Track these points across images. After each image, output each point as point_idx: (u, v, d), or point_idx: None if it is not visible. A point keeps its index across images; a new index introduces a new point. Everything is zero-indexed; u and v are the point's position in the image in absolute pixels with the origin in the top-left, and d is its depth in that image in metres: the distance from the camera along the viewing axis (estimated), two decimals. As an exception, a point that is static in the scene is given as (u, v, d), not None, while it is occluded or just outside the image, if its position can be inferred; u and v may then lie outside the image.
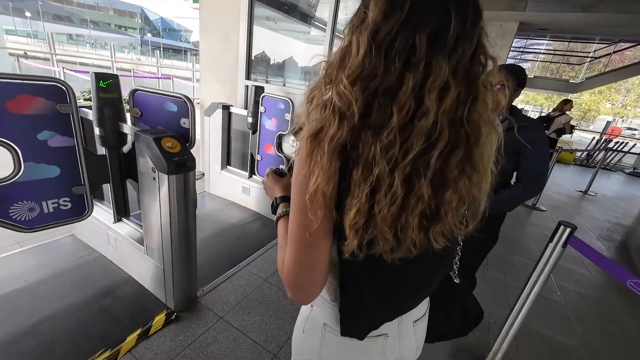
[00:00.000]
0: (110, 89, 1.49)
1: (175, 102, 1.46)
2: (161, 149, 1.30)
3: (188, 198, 1.43)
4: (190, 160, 1.39)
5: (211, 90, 3.18)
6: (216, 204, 2.91)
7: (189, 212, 1.47)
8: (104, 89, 1.47)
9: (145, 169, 1.40)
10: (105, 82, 1.46)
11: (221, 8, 2.86)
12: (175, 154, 1.33)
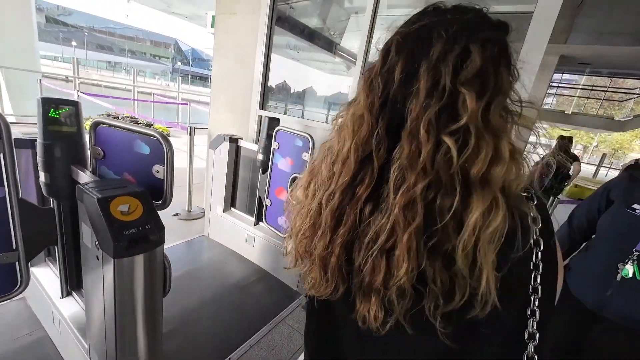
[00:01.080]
0: (66, 120, 1.08)
1: (147, 141, 1.03)
2: (108, 217, 0.83)
3: (149, 288, 0.94)
4: (155, 230, 0.92)
5: (220, 119, 2.82)
6: (214, 253, 2.42)
7: (150, 307, 0.97)
8: (54, 120, 1.06)
9: (88, 241, 0.93)
10: (57, 110, 1.06)
11: (238, 31, 2.56)
12: (130, 224, 0.86)
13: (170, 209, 3.14)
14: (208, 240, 2.59)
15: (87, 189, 0.89)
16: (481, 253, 0.32)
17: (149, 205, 0.93)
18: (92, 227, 0.87)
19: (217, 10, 2.63)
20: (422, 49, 0.35)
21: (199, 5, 5.28)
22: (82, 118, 1.13)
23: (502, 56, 0.35)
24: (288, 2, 2.88)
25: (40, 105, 1.02)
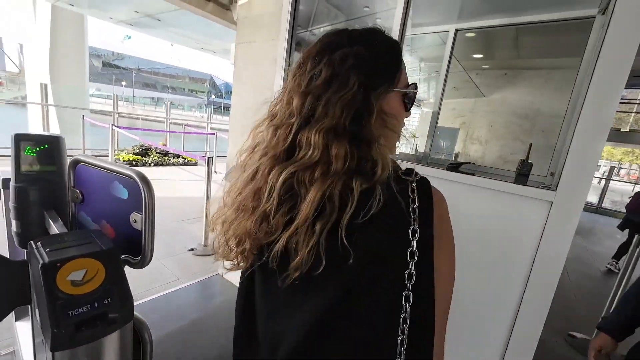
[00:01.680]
0: (43, 159, 0.93)
1: (126, 183, 0.83)
2: (51, 292, 0.62)
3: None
4: (118, 304, 0.69)
5: (238, 148, 2.69)
6: (227, 297, 2.17)
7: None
8: (31, 159, 0.91)
9: (36, 319, 0.73)
10: (34, 148, 0.91)
11: (256, 59, 2.48)
12: (81, 300, 0.64)
13: (187, 242, 3.01)
14: (222, 280, 2.36)
15: (36, 247, 0.69)
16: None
17: (115, 269, 0.71)
18: (37, 303, 0.66)
19: (237, 40, 2.60)
20: (299, 67, 0.51)
21: (226, 39, 5.55)
22: (64, 155, 0.98)
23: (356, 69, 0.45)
24: (308, 29, 2.81)
25: (13, 142, 0.88)
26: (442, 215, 0.45)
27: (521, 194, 1.29)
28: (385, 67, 0.49)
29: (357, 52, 0.46)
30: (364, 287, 0.43)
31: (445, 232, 0.46)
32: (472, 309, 1.45)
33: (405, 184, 0.44)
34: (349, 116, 0.44)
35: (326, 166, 0.43)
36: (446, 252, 0.46)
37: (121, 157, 5.98)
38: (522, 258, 1.30)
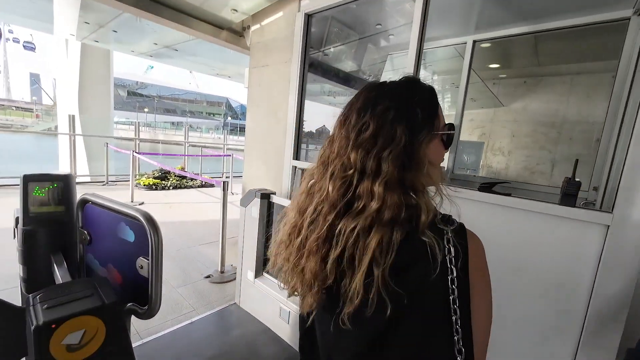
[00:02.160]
0: (51, 199, 0.89)
1: (132, 225, 0.77)
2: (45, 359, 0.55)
3: None
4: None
5: (253, 172, 2.65)
6: (245, 329, 2.06)
7: None
8: (40, 199, 0.88)
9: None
10: (43, 189, 0.88)
11: (270, 82, 2.48)
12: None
13: (203, 269, 2.95)
14: (239, 311, 2.26)
15: (33, 304, 0.62)
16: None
17: (118, 327, 0.64)
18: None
19: (251, 65, 2.62)
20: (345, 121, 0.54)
21: (240, 64, 5.72)
22: (73, 193, 0.94)
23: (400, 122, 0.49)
24: (321, 50, 2.81)
25: (22, 183, 0.85)
26: (477, 263, 0.48)
27: (569, 216, 1.13)
28: (425, 115, 0.52)
29: (398, 105, 0.50)
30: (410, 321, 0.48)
31: (481, 279, 0.48)
32: (526, 345, 1.26)
33: (441, 233, 0.47)
34: (399, 168, 0.48)
35: (382, 216, 0.46)
36: (482, 298, 0.48)
37: (142, 182, 6.14)
38: (577, 294, 1.13)
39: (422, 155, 0.50)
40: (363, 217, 0.47)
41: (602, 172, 1.94)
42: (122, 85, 46.94)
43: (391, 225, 0.46)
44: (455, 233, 0.48)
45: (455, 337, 0.46)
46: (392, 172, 0.47)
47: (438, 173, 0.55)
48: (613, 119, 1.96)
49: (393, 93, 0.52)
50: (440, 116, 0.55)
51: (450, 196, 0.55)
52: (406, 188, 0.48)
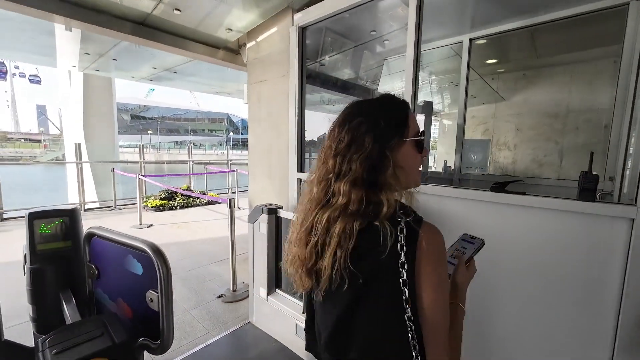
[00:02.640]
0: (58, 235, 0.88)
1: (139, 258, 0.75)
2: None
3: None
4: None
5: (259, 188, 2.64)
6: (261, 349, 2.01)
7: None
8: (46, 237, 0.87)
9: None
10: (48, 225, 0.87)
11: (269, 96, 2.49)
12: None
13: (216, 288, 2.92)
14: (253, 330, 2.21)
15: (42, 348, 0.60)
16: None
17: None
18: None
19: (249, 81, 2.64)
20: (330, 135, 0.66)
21: (238, 81, 5.80)
22: (79, 227, 0.93)
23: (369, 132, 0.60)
24: (317, 60, 2.82)
25: (27, 221, 0.84)
26: (426, 251, 0.53)
27: (590, 212, 1.08)
28: (393, 125, 0.61)
29: (368, 119, 0.61)
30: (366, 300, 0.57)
31: (426, 267, 0.53)
32: (554, 355, 1.20)
33: (397, 223, 0.54)
34: (365, 169, 0.58)
35: (347, 208, 0.57)
36: (427, 284, 0.53)
37: (149, 204, 6.18)
38: (606, 294, 1.07)
39: (388, 159, 0.59)
40: (332, 209, 0.58)
41: (617, 161, 1.88)
42: (125, 110, 47.98)
43: (354, 216, 0.56)
44: (409, 223, 0.54)
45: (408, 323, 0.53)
46: (359, 173, 0.57)
47: (409, 175, 0.63)
48: (622, 105, 1.91)
49: (365, 109, 0.63)
50: (411, 125, 0.63)
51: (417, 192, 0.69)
52: (372, 186, 0.58)
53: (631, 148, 1.67)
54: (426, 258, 0.53)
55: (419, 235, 0.53)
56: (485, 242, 0.74)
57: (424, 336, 0.54)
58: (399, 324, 0.54)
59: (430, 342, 0.54)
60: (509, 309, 1.30)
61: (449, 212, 1.44)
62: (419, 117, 1.98)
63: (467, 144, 3.68)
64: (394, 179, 0.59)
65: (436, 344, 0.54)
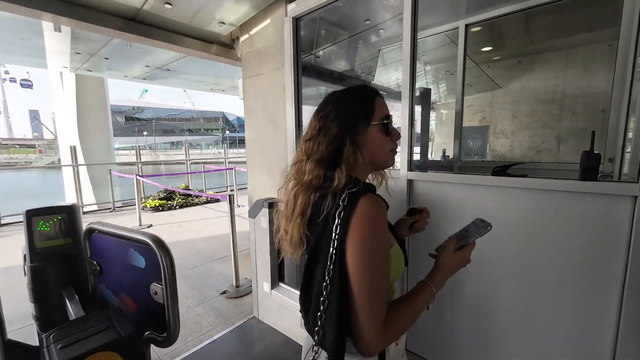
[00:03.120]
0: (58, 232, 0.87)
1: (142, 251, 0.74)
2: (63, 403, 0.51)
3: None
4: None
5: (258, 183, 2.63)
6: (267, 342, 2.01)
7: None
8: (45, 234, 0.85)
9: None
10: (47, 222, 0.85)
11: (265, 90, 2.46)
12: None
13: (219, 285, 2.92)
14: (258, 324, 2.21)
15: (47, 343, 0.59)
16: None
17: (137, 358, 0.60)
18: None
19: (244, 75, 2.61)
20: (309, 125, 0.74)
21: (233, 77, 5.74)
22: (79, 224, 0.91)
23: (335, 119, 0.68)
24: (312, 52, 2.79)
25: (25, 219, 0.83)
26: (359, 218, 0.59)
27: (592, 191, 1.08)
28: (358, 112, 0.68)
29: (335, 107, 0.69)
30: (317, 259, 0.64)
31: (354, 232, 0.58)
32: (558, 335, 1.21)
33: (341, 194, 0.62)
34: (330, 150, 0.65)
35: (310, 184, 0.66)
36: (353, 249, 0.58)
37: (148, 204, 6.15)
38: (611, 271, 1.07)
39: (350, 142, 0.65)
40: (299, 185, 0.67)
41: (616, 142, 1.88)
42: (119, 112, 47.53)
43: (314, 190, 0.65)
44: (350, 193, 0.61)
45: (326, 276, 0.60)
46: (324, 153, 0.65)
47: (378, 156, 0.70)
48: (620, 88, 1.91)
49: (336, 98, 0.71)
50: (377, 110, 0.69)
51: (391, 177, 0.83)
52: (334, 165, 0.65)
53: (630, 130, 1.67)
54: (357, 224, 0.58)
55: (356, 203, 0.59)
56: (491, 227, 0.69)
57: (351, 296, 0.58)
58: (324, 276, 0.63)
59: (353, 302, 0.58)
60: (511, 293, 1.30)
61: (451, 198, 1.43)
62: (416, 107, 1.95)
63: (466, 131, 3.68)
64: (353, 157, 0.66)
65: (358, 305, 0.58)
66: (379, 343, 0.58)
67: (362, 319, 0.57)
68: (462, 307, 1.45)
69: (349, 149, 0.65)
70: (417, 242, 1.54)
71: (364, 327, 0.57)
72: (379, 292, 0.59)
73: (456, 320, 1.48)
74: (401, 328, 0.62)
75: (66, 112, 9.12)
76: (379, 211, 0.60)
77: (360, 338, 0.58)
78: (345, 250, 0.58)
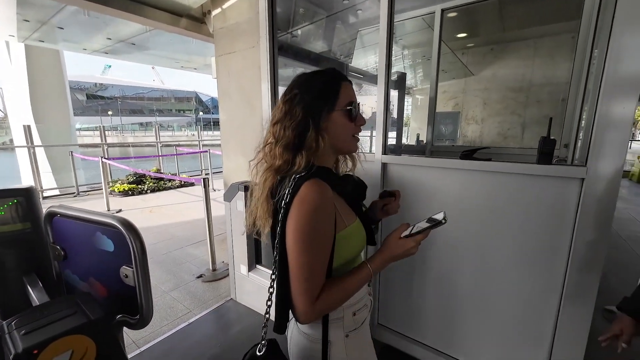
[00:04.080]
0: (14, 216, 0.81)
1: (109, 234, 0.72)
2: (29, 387, 0.50)
3: None
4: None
5: (233, 166, 2.58)
6: (245, 323, 2.05)
7: None
8: (1, 218, 0.80)
9: None
10: (1, 206, 0.80)
11: (239, 69, 2.37)
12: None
13: (194, 269, 2.89)
14: (236, 306, 2.24)
15: (9, 331, 0.57)
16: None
17: (109, 342, 0.60)
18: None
19: (217, 53, 2.48)
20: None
21: (205, 54, 5.43)
22: (38, 208, 0.86)
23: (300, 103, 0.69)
24: (289, 31, 2.70)
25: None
26: (295, 205, 0.63)
27: (546, 174, 1.17)
28: (323, 97, 0.69)
29: (301, 90, 0.69)
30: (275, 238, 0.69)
31: (291, 217, 0.62)
32: (513, 304, 1.34)
33: (293, 178, 0.66)
34: (295, 135, 0.67)
35: (279, 168, 0.69)
36: (290, 231, 0.63)
37: (116, 189, 5.84)
38: (558, 248, 1.19)
39: (310, 126, 0.66)
40: (269, 169, 0.70)
41: (571, 129, 2.03)
42: (79, 89, 43.68)
43: (278, 173, 0.69)
44: (297, 178, 0.65)
45: (274, 254, 0.67)
46: (290, 138, 0.67)
47: (341, 142, 0.72)
48: (578, 78, 2.04)
49: (302, 82, 0.70)
50: (342, 96, 0.70)
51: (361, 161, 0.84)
52: (298, 149, 0.67)
53: (584, 117, 1.80)
54: (295, 207, 0.62)
55: (299, 188, 0.63)
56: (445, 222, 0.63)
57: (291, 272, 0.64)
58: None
59: (290, 276, 0.64)
60: (471, 268, 1.41)
61: (423, 181, 1.49)
62: (392, 92, 1.97)
63: (439, 116, 3.79)
64: (315, 143, 0.67)
65: (293, 281, 0.64)
66: (309, 315, 0.64)
67: (294, 294, 0.64)
68: (429, 282, 1.55)
69: (311, 135, 0.66)
70: (390, 224, 1.61)
71: (297, 300, 0.64)
72: (312, 270, 0.63)
73: (423, 294, 1.59)
74: (331, 304, 0.67)
75: (16, 88, 8.24)
76: (317, 196, 0.62)
77: (293, 309, 0.66)
78: (285, 232, 0.63)
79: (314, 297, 0.63)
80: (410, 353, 1.66)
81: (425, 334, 1.62)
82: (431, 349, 1.60)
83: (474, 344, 1.47)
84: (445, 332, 1.55)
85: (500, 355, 1.41)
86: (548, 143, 1.13)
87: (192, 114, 52.13)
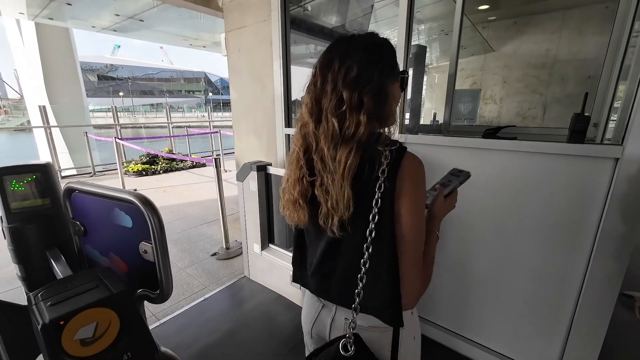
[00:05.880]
0: (34, 192, 0.82)
1: (128, 210, 0.71)
2: (59, 357, 0.51)
3: None
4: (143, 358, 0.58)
5: (245, 146, 2.56)
6: (258, 300, 2.10)
7: None
8: (20, 194, 0.80)
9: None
10: (20, 182, 0.80)
11: (250, 45, 2.29)
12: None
13: (209, 247, 2.97)
14: (249, 283, 2.29)
15: (35, 302, 0.58)
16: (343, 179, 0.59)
17: (131, 315, 0.60)
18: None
19: (227, 28, 2.40)
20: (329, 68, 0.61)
21: (214, 31, 5.29)
22: (56, 183, 0.86)
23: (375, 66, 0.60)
24: (300, 4, 2.57)
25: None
26: (406, 175, 0.58)
27: (578, 153, 1.10)
28: (390, 62, 0.64)
29: (372, 55, 0.61)
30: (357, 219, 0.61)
31: (407, 190, 0.58)
32: (532, 289, 1.31)
33: (384, 151, 0.59)
34: (375, 102, 0.60)
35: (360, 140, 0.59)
36: (406, 206, 0.58)
37: (130, 169, 5.96)
38: (585, 230, 1.14)
39: (389, 94, 0.62)
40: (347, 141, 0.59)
41: (602, 107, 1.90)
42: (90, 70, 43.90)
43: (363, 145, 0.59)
44: (393, 151, 0.59)
45: (368, 238, 0.59)
46: (371, 105, 0.59)
47: (396, 109, 0.67)
48: (614, 52, 1.88)
49: (367, 45, 0.62)
50: (397, 65, 0.66)
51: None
52: (378, 118, 0.61)
53: (619, 96, 1.68)
54: (406, 182, 0.58)
55: (401, 162, 0.58)
56: (470, 175, 0.74)
57: (400, 251, 0.60)
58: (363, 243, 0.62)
59: (404, 255, 0.60)
60: (491, 250, 1.38)
61: (441, 160, 1.44)
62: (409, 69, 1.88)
63: (458, 94, 3.62)
64: (392, 113, 0.64)
65: (409, 258, 0.60)
66: (422, 292, 0.63)
67: (410, 272, 0.60)
68: (446, 264, 1.53)
69: (390, 103, 0.63)
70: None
71: (412, 279, 0.61)
72: (422, 246, 0.62)
73: (439, 277, 1.57)
74: (431, 273, 0.66)
75: (30, 69, 8.32)
76: (423, 170, 0.61)
77: (409, 290, 0.61)
78: (396, 208, 0.58)
79: (422, 272, 0.62)
80: (424, 333, 1.67)
81: (440, 315, 1.62)
82: (446, 329, 1.61)
83: (489, 327, 1.46)
84: (461, 314, 1.54)
85: (514, 341, 1.41)
86: (582, 120, 1.05)
87: (202, 95, 51.95)
